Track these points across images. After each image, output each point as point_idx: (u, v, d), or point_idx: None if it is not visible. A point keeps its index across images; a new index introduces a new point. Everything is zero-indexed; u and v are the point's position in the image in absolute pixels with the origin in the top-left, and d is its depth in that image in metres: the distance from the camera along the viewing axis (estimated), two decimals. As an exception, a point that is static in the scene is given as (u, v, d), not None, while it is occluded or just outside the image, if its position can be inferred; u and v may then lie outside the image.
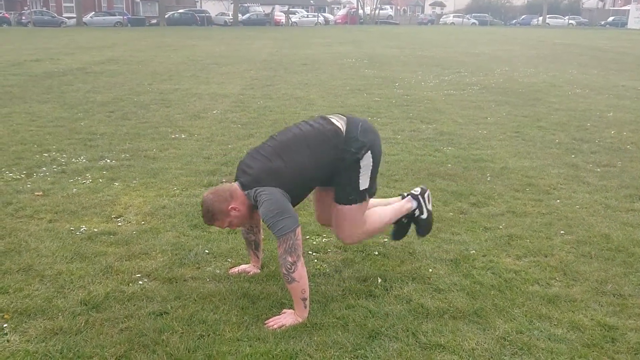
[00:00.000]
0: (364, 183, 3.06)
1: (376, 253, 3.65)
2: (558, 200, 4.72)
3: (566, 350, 2.63)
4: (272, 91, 10.71)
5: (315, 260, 3.56)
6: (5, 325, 2.76)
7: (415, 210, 3.44)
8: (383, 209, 3.37)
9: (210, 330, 2.74)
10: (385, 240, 3.86)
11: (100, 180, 5.11)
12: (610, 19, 60.59)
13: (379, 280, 3.26)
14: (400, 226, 3.54)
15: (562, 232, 4.05)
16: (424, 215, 3.46)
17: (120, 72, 13.42)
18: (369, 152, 3.04)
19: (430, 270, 3.42)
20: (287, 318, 2.84)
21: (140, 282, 3.22)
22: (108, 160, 5.73)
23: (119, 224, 4.11)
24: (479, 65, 15.97)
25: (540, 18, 60.59)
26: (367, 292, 3.14)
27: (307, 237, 3.90)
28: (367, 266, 3.47)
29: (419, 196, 3.47)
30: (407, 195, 3.50)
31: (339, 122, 3.05)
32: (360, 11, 65.50)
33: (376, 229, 3.32)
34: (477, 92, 10.88)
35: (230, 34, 33.98)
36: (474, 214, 4.39)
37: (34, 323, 2.79)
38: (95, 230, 3.97)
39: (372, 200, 3.36)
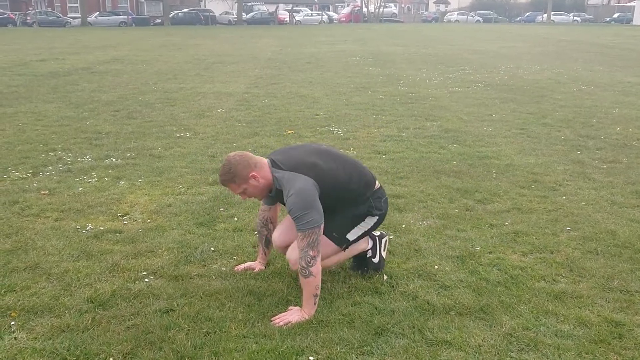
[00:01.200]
0: (353, 234, 3.11)
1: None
2: (564, 197, 4.70)
3: (573, 346, 2.62)
4: (276, 89, 10.71)
5: (321, 258, 3.55)
6: (12, 323, 2.77)
7: (368, 251, 3.30)
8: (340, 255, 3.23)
9: (216, 327, 2.75)
10: (391, 237, 3.86)
11: (106, 179, 5.13)
12: (616, 15, 60.38)
13: (385, 277, 3.26)
14: (358, 259, 3.35)
15: (568, 228, 4.04)
16: (375, 259, 3.30)
17: (125, 71, 13.45)
18: (377, 217, 3.14)
19: (436, 267, 3.42)
20: (293, 315, 2.84)
21: (147, 280, 3.23)
22: (114, 159, 5.74)
23: (125, 222, 4.12)
24: (483, 63, 15.93)
25: (545, 15, 60.38)
26: (373, 289, 3.13)
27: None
28: (373, 263, 3.47)
29: (377, 238, 3.33)
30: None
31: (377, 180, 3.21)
32: (364, 9, 65.44)
33: (326, 265, 3.09)
34: (481, 89, 10.85)
35: (234, 33, 34.00)
36: (479, 211, 4.38)
37: (40, 321, 2.80)
38: (101, 228, 3.98)
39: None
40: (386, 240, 3.38)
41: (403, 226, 4.04)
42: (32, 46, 21.31)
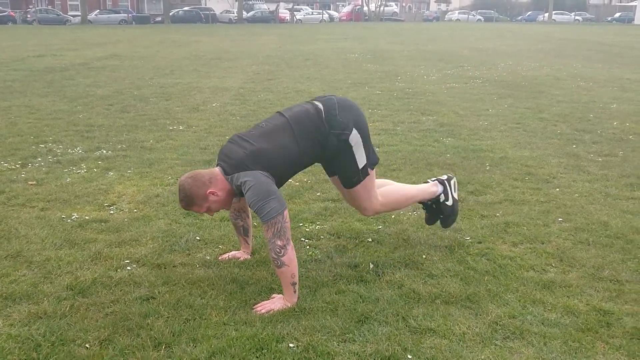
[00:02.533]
0: (361, 159, 3.06)
1: (370, 240, 3.59)
2: (557, 189, 4.65)
3: (559, 334, 2.57)
4: (273, 85, 10.66)
5: (308, 247, 3.50)
6: (-11, 309, 2.72)
7: (440, 195, 3.45)
8: (407, 186, 3.50)
9: (196, 314, 2.70)
10: (380, 227, 3.81)
11: (95, 170, 5.08)
12: (617, 14, 60.27)
13: (371, 266, 3.20)
14: (431, 210, 3.55)
15: (560, 219, 3.98)
16: (449, 202, 3.45)
17: (122, 67, 13.40)
18: (354, 129, 2.99)
19: (424, 256, 3.36)
20: (275, 303, 2.79)
21: (129, 268, 3.17)
22: (104, 151, 5.69)
23: (111, 212, 4.07)
24: (482, 60, 15.87)
25: (546, 14, 60.26)
26: (358, 278, 3.08)
27: (301, 224, 3.85)
28: (360, 253, 3.42)
29: (445, 182, 3.47)
30: (434, 179, 3.52)
31: (319, 104, 3.01)
32: (365, 8, 65.33)
33: (399, 203, 3.40)
34: (479, 85, 10.79)
35: (234, 31, 33.95)
36: (471, 202, 4.32)
37: (18, 308, 2.75)
38: (87, 218, 3.93)
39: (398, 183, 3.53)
40: (455, 182, 3.49)
41: (392, 216, 3.98)
42: (30, 43, 21.27)
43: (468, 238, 3.64)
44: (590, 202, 4.33)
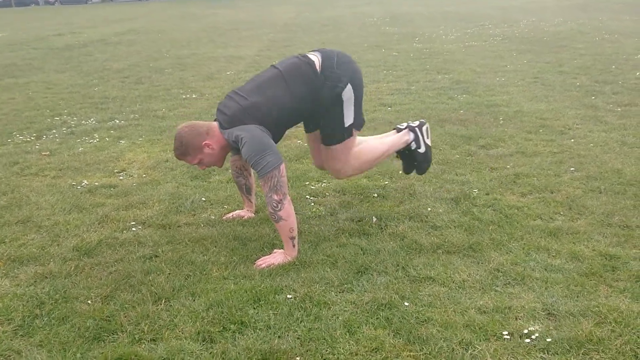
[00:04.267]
0: (348, 117, 2.97)
1: (375, 195, 3.57)
2: (572, 140, 4.53)
3: (562, 279, 2.52)
4: (288, 51, 10.54)
5: (312, 204, 3.50)
6: (-3, 272, 2.79)
7: (411, 143, 3.28)
8: (377, 142, 3.26)
9: (197, 270, 2.72)
10: (386, 182, 3.77)
11: (107, 139, 5.12)
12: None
13: (374, 220, 3.18)
14: (406, 157, 3.39)
15: (572, 169, 3.89)
16: (422, 149, 3.30)
17: (139, 41, 13.43)
18: (349, 84, 2.92)
19: (429, 209, 3.32)
20: (276, 257, 2.79)
21: (134, 229, 3.21)
22: (117, 121, 5.74)
23: (121, 177, 4.12)
24: (504, 17, 15.45)
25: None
26: (360, 231, 3.07)
27: (307, 182, 3.84)
28: (365, 208, 3.40)
29: (416, 128, 3.29)
30: (405, 127, 3.33)
31: (315, 56, 2.95)
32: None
33: (370, 162, 3.22)
34: (499, 42, 10.53)
35: (253, 2, 33.67)
36: (481, 156, 4.25)
37: (25, 269, 2.81)
38: (96, 184, 3.98)
39: (367, 136, 3.29)
40: (427, 128, 3.32)
41: (400, 172, 3.92)
42: (51, 22, 21.44)
43: (475, 190, 3.58)
44: (605, 152, 4.22)
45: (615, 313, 2.23)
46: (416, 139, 3.28)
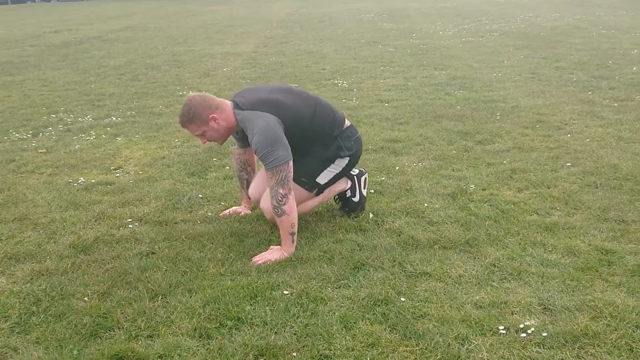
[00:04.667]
0: (323, 177, 3.02)
1: (372, 191, 3.56)
2: (569, 135, 4.54)
3: (558, 274, 2.53)
4: (285, 48, 10.55)
5: (309, 200, 3.49)
6: (-6, 269, 2.78)
7: (347, 191, 3.20)
8: (317, 198, 3.14)
9: (194, 267, 2.72)
10: (383, 179, 3.77)
11: (104, 136, 5.12)
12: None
13: (370, 216, 3.18)
14: (343, 200, 3.26)
15: (568, 164, 3.90)
16: (356, 199, 3.21)
17: (135, 38, 13.39)
18: (349, 158, 3.03)
19: (426, 205, 3.33)
20: (273, 254, 2.79)
21: (131, 226, 3.21)
22: (114, 118, 5.73)
23: (117, 174, 4.11)
24: (501, 13, 15.46)
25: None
26: (357, 227, 3.07)
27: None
28: (361, 204, 3.39)
29: (355, 177, 3.22)
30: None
31: (347, 119, 3.10)
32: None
33: (302, 210, 3.04)
34: (496, 38, 10.53)
35: (250, -2, 33.57)
36: (478, 151, 4.25)
37: (22, 266, 2.80)
38: (93, 181, 3.97)
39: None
40: (365, 178, 3.28)
41: (397, 168, 3.94)
42: (47, 19, 21.36)
43: (472, 186, 3.58)
44: (601, 147, 4.23)
45: (611, 307, 2.24)
46: (352, 188, 3.21)
